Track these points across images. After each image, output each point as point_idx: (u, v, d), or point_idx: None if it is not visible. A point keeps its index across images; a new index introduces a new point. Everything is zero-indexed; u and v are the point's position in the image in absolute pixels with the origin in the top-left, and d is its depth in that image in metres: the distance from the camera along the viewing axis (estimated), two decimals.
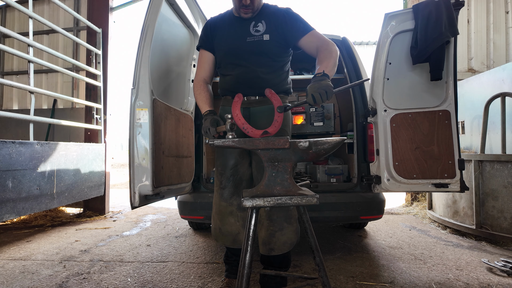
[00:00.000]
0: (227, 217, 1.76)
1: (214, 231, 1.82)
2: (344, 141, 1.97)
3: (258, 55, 1.69)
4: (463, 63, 4.84)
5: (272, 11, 1.73)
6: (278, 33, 1.68)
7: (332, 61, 1.51)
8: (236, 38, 1.71)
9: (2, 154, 2.39)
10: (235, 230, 1.76)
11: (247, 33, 1.70)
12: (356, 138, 2.51)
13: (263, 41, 1.68)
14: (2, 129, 4.57)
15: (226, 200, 1.76)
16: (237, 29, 1.72)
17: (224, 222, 1.76)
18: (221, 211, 1.77)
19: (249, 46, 1.69)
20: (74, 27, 4.61)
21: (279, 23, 1.69)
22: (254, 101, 1.76)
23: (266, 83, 1.69)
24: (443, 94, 2.14)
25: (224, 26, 1.77)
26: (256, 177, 1.78)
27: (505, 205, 2.75)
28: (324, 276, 1.29)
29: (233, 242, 1.78)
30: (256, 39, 1.68)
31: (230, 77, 1.76)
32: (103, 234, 3.30)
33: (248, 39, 1.69)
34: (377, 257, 2.51)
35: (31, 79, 2.91)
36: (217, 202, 1.79)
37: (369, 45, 9.49)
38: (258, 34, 1.68)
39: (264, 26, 1.69)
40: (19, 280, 2.12)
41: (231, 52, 1.72)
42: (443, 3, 2.02)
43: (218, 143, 1.33)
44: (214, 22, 1.81)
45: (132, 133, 1.82)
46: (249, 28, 1.70)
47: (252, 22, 1.71)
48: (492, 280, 2.06)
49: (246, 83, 1.71)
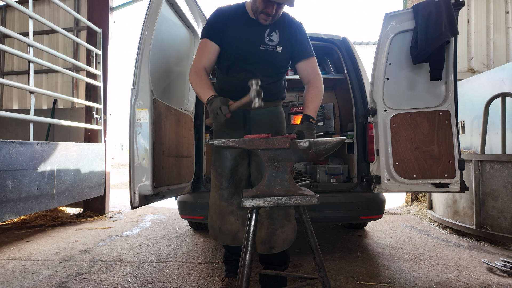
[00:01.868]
0: (228, 217, 1.76)
1: (214, 231, 1.81)
2: (344, 141, 1.97)
3: (268, 64, 1.70)
4: (463, 63, 4.84)
5: (287, 21, 1.72)
6: (288, 46, 1.71)
7: (319, 102, 1.68)
8: (250, 43, 1.66)
9: (2, 154, 2.39)
10: (235, 229, 1.76)
11: (261, 41, 1.67)
12: (356, 138, 2.51)
13: (275, 52, 1.68)
14: (2, 129, 4.57)
15: (226, 201, 1.76)
16: (252, 33, 1.67)
17: (224, 222, 1.76)
18: (222, 211, 1.76)
19: (262, 54, 1.67)
20: (74, 27, 4.61)
21: (291, 36, 1.71)
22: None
23: (268, 92, 1.68)
24: (443, 94, 2.14)
25: (237, 24, 1.67)
26: (256, 177, 1.78)
27: (505, 205, 2.75)
28: (324, 276, 1.29)
29: (233, 240, 1.77)
30: (269, 49, 1.67)
31: (234, 80, 1.71)
32: (103, 234, 3.30)
33: (262, 47, 1.66)
34: (377, 257, 2.51)
35: (31, 79, 2.91)
36: (216, 203, 1.78)
37: (369, 45, 9.49)
38: (272, 44, 1.67)
39: (278, 36, 1.68)
40: (19, 280, 2.12)
41: (242, 56, 1.67)
42: (443, 3, 2.02)
43: (218, 143, 1.33)
44: (227, 15, 1.68)
45: (132, 133, 1.82)
46: (264, 35, 1.67)
47: (267, 29, 1.67)
48: (492, 280, 2.06)
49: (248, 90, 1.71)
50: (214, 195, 1.79)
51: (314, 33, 2.83)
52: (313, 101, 1.65)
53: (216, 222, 1.79)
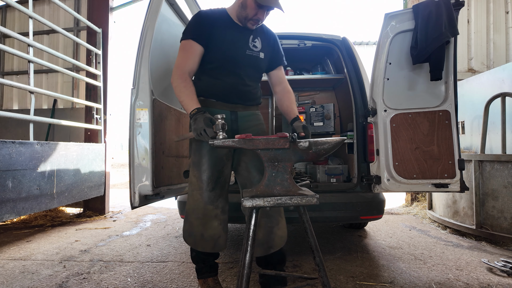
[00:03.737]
0: (211, 221, 1.69)
1: (193, 238, 1.70)
2: (344, 141, 1.97)
3: (253, 69, 1.78)
4: (463, 63, 4.84)
5: (265, 31, 1.84)
6: (269, 53, 1.83)
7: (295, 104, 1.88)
8: (237, 47, 1.71)
9: (2, 154, 2.39)
10: (217, 234, 1.70)
11: (247, 46, 1.73)
12: (356, 138, 2.51)
13: (259, 58, 1.77)
14: (2, 129, 4.57)
15: (212, 203, 1.69)
16: (238, 38, 1.71)
17: (207, 227, 1.68)
18: (206, 214, 1.68)
19: (247, 59, 1.74)
20: (74, 27, 4.61)
21: (270, 45, 1.84)
22: (240, 107, 1.79)
23: (252, 96, 1.81)
24: (443, 94, 2.14)
25: (224, 28, 1.70)
26: (247, 177, 1.74)
27: (505, 205, 2.75)
28: (324, 276, 1.29)
29: (214, 247, 1.70)
30: (254, 54, 1.75)
31: (221, 83, 1.71)
32: (103, 234, 3.30)
33: (247, 52, 1.73)
34: (377, 257, 2.51)
35: (31, 79, 2.91)
36: (200, 206, 1.68)
37: (369, 45, 9.50)
38: (256, 50, 1.76)
39: (260, 43, 1.78)
40: (19, 280, 2.12)
41: (231, 59, 1.70)
42: (443, 3, 2.02)
43: (218, 143, 1.33)
44: (212, 18, 1.69)
45: (132, 133, 1.82)
46: (249, 41, 1.74)
47: (251, 35, 1.75)
48: (492, 280, 2.06)
49: (236, 94, 1.75)
50: (197, 198, 1.69)
51: (314, 33, 2.84)
52: (293, 104, 1.84)
53: (198, 228, 1.69)
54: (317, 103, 3.52)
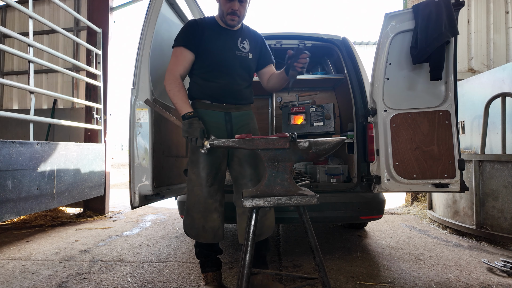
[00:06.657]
0: (212, 214, 1.80)
1: (196, 230, 1.81)
2: (344, 141, 1.98)
3: (244, 69, 1.87)
4: (463, 63, 4.84)
5: (252, 33, 1.96)
6: (257, 54, 1.94)
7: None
8: (227, 49, 1.81)
9: (2, 154, 2.39)
10: (216, 226, 1.81)
11: (236, 47, 1.84)
12: (356, 138, 2.51)
13: (248, 58, 1.88)
14: (2, 129, 4.57)
15: (212, 197, 1.80)
16: (227, 40, 1.83)
17: (208, 219, 1.79)
18: (207, 208, 1.79)
19: (238, 59, 1.83)
20: (74, 27, 4.61)
21: (258, 46, 1.95)
22: (233, 107, 1.88)
23: (244, 95, 1.90)
24: (443, 94, 2.14)
25: (213, 33, 1.81)
26: (239, 171, 1.85)
27: (505, 205, 2.75)
28: (324, 276, 1.29)
29: (214, 237, 1.82)
30: (243, 55, 1.85)
31: (215, 85, 1.82)
32: (103, 234, 3.30)
33: (237, 53, 1.83)
34: (377, 257, 2.51)
35: (31, 79, 2.91)
36: (201, 201, 1.79)
37: (369, 45, 9.51)
38: (245, 51, 1.87)
39: (248, 45, 1.89)
40: (19, 280, 2.12)
41: (222, 61, 1.80)
42: (443, 3, 2.02)
43: (218, 143, 1.34)
44: (202, 26, 1.81)
45: (132, 133, 1.82)
46: (237, 42, 1.85)
47: (239, 38, 1.86)
48: (492, 280, 2.06)
49: (230, 93, 1.85)
50: (198, 194, 1.79)
51: (314, 33, 2.84)
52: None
53: (199, 221, 1.79)
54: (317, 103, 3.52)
